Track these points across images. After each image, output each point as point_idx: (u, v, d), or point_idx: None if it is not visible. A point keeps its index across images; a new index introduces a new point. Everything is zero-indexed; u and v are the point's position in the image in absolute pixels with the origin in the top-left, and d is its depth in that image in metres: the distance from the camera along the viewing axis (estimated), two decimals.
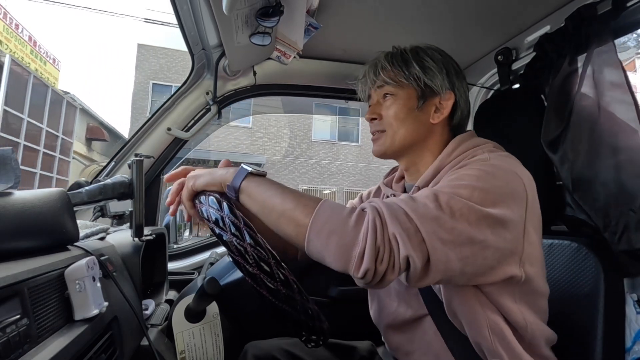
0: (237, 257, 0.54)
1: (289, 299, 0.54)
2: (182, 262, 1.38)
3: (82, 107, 10.36)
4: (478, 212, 0.55)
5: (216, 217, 0.57)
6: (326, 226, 0.53)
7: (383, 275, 0.52)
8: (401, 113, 0.75)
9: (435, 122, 0.76)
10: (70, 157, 9.57)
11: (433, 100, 0.76)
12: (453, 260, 0.54)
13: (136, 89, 11.81)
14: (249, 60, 1.18)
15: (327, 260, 0.54)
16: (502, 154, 0.68)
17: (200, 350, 0.74)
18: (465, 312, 0.64)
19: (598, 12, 0.84)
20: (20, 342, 0.40)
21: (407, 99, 0.76)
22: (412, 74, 0.75)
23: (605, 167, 0.82)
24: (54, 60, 10.62)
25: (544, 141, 0.92)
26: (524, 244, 0.60)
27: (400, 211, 0.53)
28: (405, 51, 0.78)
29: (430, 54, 0.78)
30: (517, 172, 0.63)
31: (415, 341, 0.72)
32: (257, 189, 0.60)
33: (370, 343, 0.92)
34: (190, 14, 0.97)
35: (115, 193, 0.79)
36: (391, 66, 0.77)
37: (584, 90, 0.86)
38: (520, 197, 0.61)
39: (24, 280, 0.43)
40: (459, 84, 0.78)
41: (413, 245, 0.51)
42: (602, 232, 0.81)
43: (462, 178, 0.60)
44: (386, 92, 0.78)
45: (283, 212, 0.57)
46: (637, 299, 0.83)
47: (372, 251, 0.50)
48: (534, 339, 0.64)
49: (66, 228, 0.58)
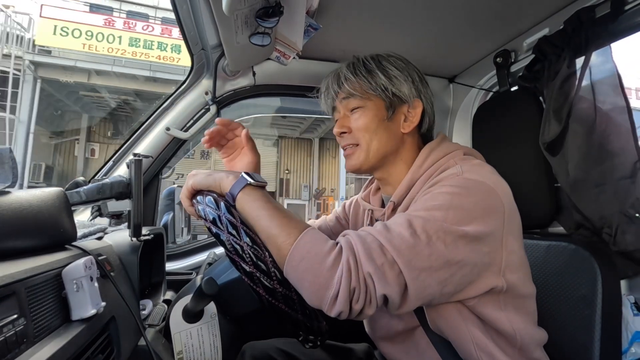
0: (234, 255, 0.54)
1: (286, 297, 0.54)
2: (180, 262, 1.38)
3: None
4: (454, 232, 0.55)
5: (213, 216, 0.57)
6: (302, 263, 0.53)
7: (360, 312, 0.52)
8: (372, 124, 0.73)
9: (406, 132, 0.75)
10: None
11: (401, 109, 0.75)
12: (432, 285, 0.54)
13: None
14: (249, 60, 1.18)
15: (302, 293, 0.55)
16: (474, 164, 0.67)
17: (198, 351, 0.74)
18: (449, 330, 0.64)
19: (596, 15, 0.85)
20: (17, 342, 0.40)
21: (377, 110, 0.74)
22: (378, 85, 0.73)
23: (601, 169, 0.83)
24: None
25: (542, 143, 0.93)
26: (502, 254, 0.60)
27: (375, 244, 0.53)
28: (367, 60, 0.76)
29: (394, 62, 0.75)
30: (491, 184, 0.62)
31: (409, 352, 0.73)
32: (249, 204, 0.60)
33: (367, 345, 0.92)
34: (190, 13, 0.97)
35: (113, 193, 0.79)
36: (355, 77, 0.74)
37: (582, 93, 0.87)
38: (496, 210, 0.60)
39: (21, 280, 0.43)
40: (424, 91, 0.77)
41: (390, 281, 0.51)
42: (600, 233, 0.81)
43: (435, 198, 0.59)
44: (353, 105, 0.75)
45: (268, 237, 0.57)
46: (634, 301, 0.84)
47: (347, 293, 0.51)
48: (524, 344, 0.64)
49: (64, 227, 0.57)
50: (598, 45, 0.84)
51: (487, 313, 0.62)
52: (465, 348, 0.63)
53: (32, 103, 9.00)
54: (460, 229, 0.55)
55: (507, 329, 0.63)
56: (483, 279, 0.59)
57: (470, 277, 0.58)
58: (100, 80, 9.64)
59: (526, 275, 0.67)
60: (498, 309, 0.63)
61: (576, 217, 0.88)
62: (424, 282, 0.53)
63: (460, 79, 1.36)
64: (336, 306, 0.51)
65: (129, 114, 11.23)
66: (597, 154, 0.83)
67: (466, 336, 0.63)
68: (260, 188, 0.62)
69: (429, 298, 0.56)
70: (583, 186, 0.85)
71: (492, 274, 0.60)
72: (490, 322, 0.63)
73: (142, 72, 9.71)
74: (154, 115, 1.21)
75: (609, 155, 0.81)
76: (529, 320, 0.67)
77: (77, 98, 10.39)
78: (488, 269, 0.60)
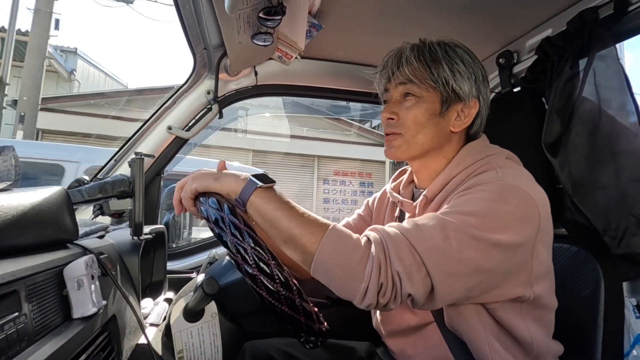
0: (237, 257, 0.54)
1: (288, 300, 0.54)
2: (182, 261, 1.38)
3: None
4: (487, 240, 0.54)
5: (216, 217, 0.57)
6: (332, 258, 0.53)
7: (384, 305, 0.53)
8: (422, 118, 0.69)
9: (455, 131, 0.71)
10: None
11: (456, 106, 0.70)
12: (458, 290, 0.54)
13: None
14: (251, 60, 1.18)
15: (332, 288, 0.55)
16: (514, 170, 0.65)
17: (199, 350, 0.74)
18: (465, 329, 0.64)
19: (600, 16, 0.84)
20: (18, 340, 0.40)
21: (431, 103, 0.69)
22: (440, 77, 0.68)
23: (605, 170, 0.82)
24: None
25: (544, 144, 0.92)
26: (532, 264, 0.59)
27: (404, 244, 0.53)
28: (433, 47, 0.70)
29: (461, 55, 0.70)
30: (530, 192, 0.60)
31: (419, 345, 0.72)
32: (264, 206, 0.58)
33: (368, 344, 0.92)
34: (192, 13, 0.97)
35: (115, 191, 0.79)
36: (418, 63, 0.69)
37: (585, 94, 0.86)
38: (532, 220, 0.59)
39: (22, 278, 0.43)
40: (484, 91, 0.73)
41: (416, 282, 0.52)
42: (602, 235, 0.81)
43: (472, 203, 0.58)
44: (408, 91, 0.70)
45: (290, 237, 0.56)
46: (636, 303, 0.83)
47: (375, 287, 0.51)
48: (539, 354, 0.64)
49: (65, 226, 0.57)
50: (601, 46, 0.83)
51: (507, 319, 0.62)
52: (481, 349, 0.62)
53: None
54: (494, 237, 0.54)
55: (525, 337, 0.62)
56: (510, 286, 0.59)
57: (497, 283, 0.58)
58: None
59: (551, 287, 0.66)
60: (518, 316, 0.62)
61: (578, 218, 0.87)
62: (452, 287, 0.53)
63: None
64: (366, 299, 0.52)
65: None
66: (601, 156, 0.83)
67: (482, 338, 0.62)
68: (270, 188, 0.61)
69: (454, 301, 0.56)
70: (586, 188, 0.84)
71: (520, 283, 0.59)
72: (508, 328, 0.62)
73: None
74: (156, 114, 1.21)
75: (615, 157, 0.80)
76: (547, 332, 0.66)
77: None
78: (516, 277, 0.59)
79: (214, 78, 1.18)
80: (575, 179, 0.86)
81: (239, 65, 1.18)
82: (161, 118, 1.21)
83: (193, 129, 1.23)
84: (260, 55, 1.13)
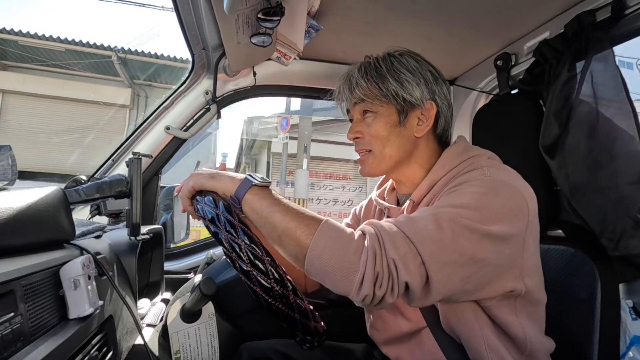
0: (232, 254, 0.54)
1: (283, 297, 0.54)
2: (179, 261, 1.38)
3: None
4: (480, 230, 0.55)
5: (212, 214, 0.57)
6: (327, 250, 0.53)
7: (382, 298, 0.52)
8: (384, 131, 0.73)
9: (419, 136, 0.74)
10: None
11: (414, 112, 0.73)
12: (454, 281, 0.54)
13: None
14: (249, 60, 1.18)
15: (327, 283, 0.55)
16: (499, 168, 0.66)
17: (196, 351, 0.74)
18: (462, 329, 0.64)
19: (597, 19, 0.85)
20: (13, 341, 0.40)
21: (388, 116, 0.73)
22: (389, 90, 0.71)
23: (602, 173, 0.82)
24: None
25: (542, 146, 0.93)
26: (523, 257, 0.60)
27: (399, 235, 0.53)
28: (378, 63, 0.74)
29: (406, 63, 0.73)
30: (519, 187, 0.62)
31: (414, 351, 0.73)
32: (259, 202, 0.59)
33: (365, 345, 0.92)
34: (191, 13, 0.97)
35: (112, 191, 0.79)
36: (367, 82, 0.73)
37: (583, 96, 0.87)
38: (522, 214, 0.60)
39: (18, 278, 0.43)
40: (439, 90, 0.75)
41: (412, 270, 0.51)
42: (599, 237, 0.81)
43: (463, 197, 0.59)
44: (365, 108, 0.75)
45: (285, 231, 0.56)
46: (632, 305, 0.84)
47: (372, 277, 0.51)
48: (533, 351, 0.64)
49: (62, 226, 0.57)
50: (598, 49, 0.84)
51: (501, 317, 0.62)
52: (477, 348, 0.63)
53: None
54: (486, 228, 0.55)
55: (519, 334, 0.63)
56: (503, 280, 0.59)
57: (490, 277, 0.58)
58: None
59: (541, 282, 0.67)
60: (512, 314, 0.63)
61: (575, 220, 0.88)
62: (447, 277, 0.53)
63: (460, 81, 1.36)
64: (362, 290, 0.51)
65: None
66: (599, 158, 0.83)
67: (479, 337, 0.63)
68: (266, 187, 0.62)
69: (449, 293, 0.55)
70: (583, 190, 0.85)
71: (512, 277, 0.60)
72: (503, 326, 0.63)
73: None
74: (154, 114, 1.20)
75: (612, 159, 0.81)
76: (539, 328, 0.67)
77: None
78: (508, 271, 0.60)
79: (212, 78, 1.18)
80: (572, 181, 0.86)
81: (238, 65, 1.17)
82: (159, 118, 1.20)
83: (191, 129, 1.23)
84: (259, 55, 1.13)
